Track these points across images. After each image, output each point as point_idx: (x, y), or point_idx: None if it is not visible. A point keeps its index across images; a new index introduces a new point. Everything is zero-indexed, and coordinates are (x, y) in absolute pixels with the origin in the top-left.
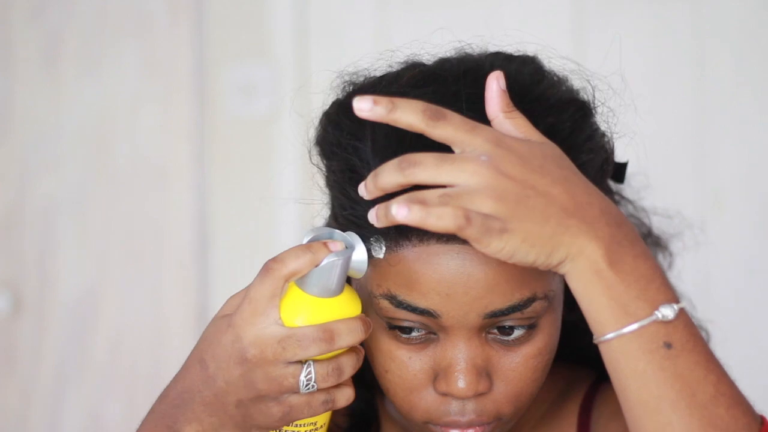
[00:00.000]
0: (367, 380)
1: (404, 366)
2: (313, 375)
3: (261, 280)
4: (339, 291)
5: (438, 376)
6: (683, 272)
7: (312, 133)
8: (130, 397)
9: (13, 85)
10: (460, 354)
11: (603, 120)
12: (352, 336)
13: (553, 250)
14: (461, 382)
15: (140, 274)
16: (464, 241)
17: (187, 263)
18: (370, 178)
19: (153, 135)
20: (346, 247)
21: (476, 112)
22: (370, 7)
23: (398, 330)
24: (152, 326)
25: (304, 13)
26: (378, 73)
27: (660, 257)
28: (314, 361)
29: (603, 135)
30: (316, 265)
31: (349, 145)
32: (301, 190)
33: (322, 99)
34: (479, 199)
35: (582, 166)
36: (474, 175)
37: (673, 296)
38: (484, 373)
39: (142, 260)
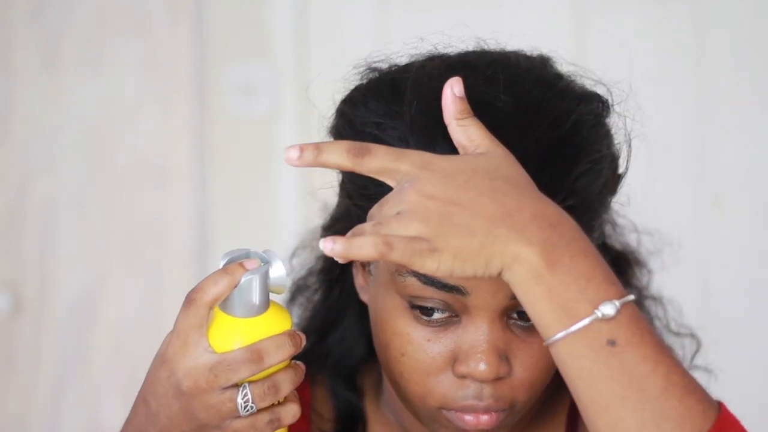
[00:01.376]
0: (355, 382)
1: (422, 349)
2: (249, 396)
3: (185, 311)
4: (264, 308)
5: (458, 358)
6: (684, 273)
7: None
8: (130, 398)
9: (13, 85)
10: (483, 336)
11: (612, 124)
12: (280, 352)
13: (488, 261)
14: (483, 364)
15: (140, 274)
16: None
17: (187, 263)
18: (343, 240)
19: (153, 135)
20: (263, 263)
21: (513, 96)
22: (370, 7)
23: (420, 311)
24: (152, 326)
25: (304, 13)
26: (402, 61)
27: (638, 274)
28: (249, 382)
29: (613, 139)
30: (236, 286)
31: (380, 124)
32: (301, 190)
33: (333, 90)
34: (405, 223)
35: (601, 160)
36: (399, 203)
37: (616, 292)
38: (505, 357)
39: (142, 260)
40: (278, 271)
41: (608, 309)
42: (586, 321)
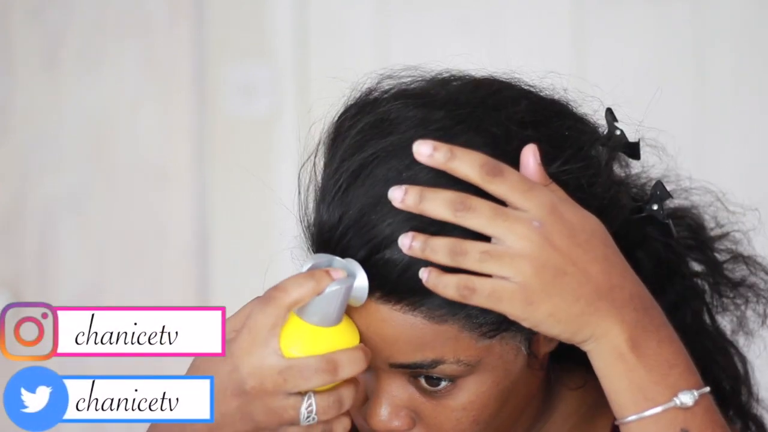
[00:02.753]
0: None
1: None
2: (314, 407)
3: (263, 308)
4: (339, 320)
5: (366, 400)
6: None
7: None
8: None
9: (13, 85)
10: (378, 388)
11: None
12: (354, 366)
13: (579, 329)
14: (374, 415)
15: (140, 274)
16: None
17: (186, 263)
18: (414, 192)
19: (153, 135)
20: (348, 275)
21: (418, 122)
22: (370, 7)
23: None
24: None
25: (304, 13)
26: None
27: (751, 308)
28: (315, 392)
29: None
30: (319, 294)
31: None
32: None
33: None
34: (519, 265)
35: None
36: (521, 239)
37: (695, 382)
38: (404, 412)
39: (142, 260)
40: (361, 282)
41: (686, 398)
42: (661, 408)
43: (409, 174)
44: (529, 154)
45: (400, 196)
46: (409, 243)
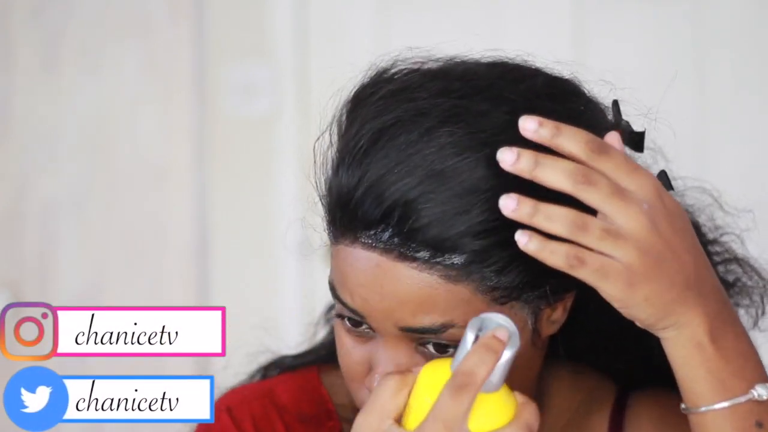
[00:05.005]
0: None
1: (348, 354)
2: None
3: (457, 399)
4: (502, 383)
5: (370, 371)
6: None
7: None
8: None
9: (13, 85)
10: (385, 356)
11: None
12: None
13: (666, 316)
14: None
15: (140, 274)
16: (385, 251)
17: (187, 263)
18: (528, 156)
19: (153, 135)
20: (510, 334)
21: (462, 100)
22: (370, 7)
23: (347, 320)
24: None
25: (304, 13)
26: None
27: (743, 312)
28: None
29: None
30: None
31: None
32: (302, 190)
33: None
34: (628, 247)
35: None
36: (632, 221)
37: (767, 377)
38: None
39: (142, 260)
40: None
41: (763, 391)
42: (742, 398)
43: (428, 139)
44: (614, 141)
45: (511, 158)
46: (513, 206)
